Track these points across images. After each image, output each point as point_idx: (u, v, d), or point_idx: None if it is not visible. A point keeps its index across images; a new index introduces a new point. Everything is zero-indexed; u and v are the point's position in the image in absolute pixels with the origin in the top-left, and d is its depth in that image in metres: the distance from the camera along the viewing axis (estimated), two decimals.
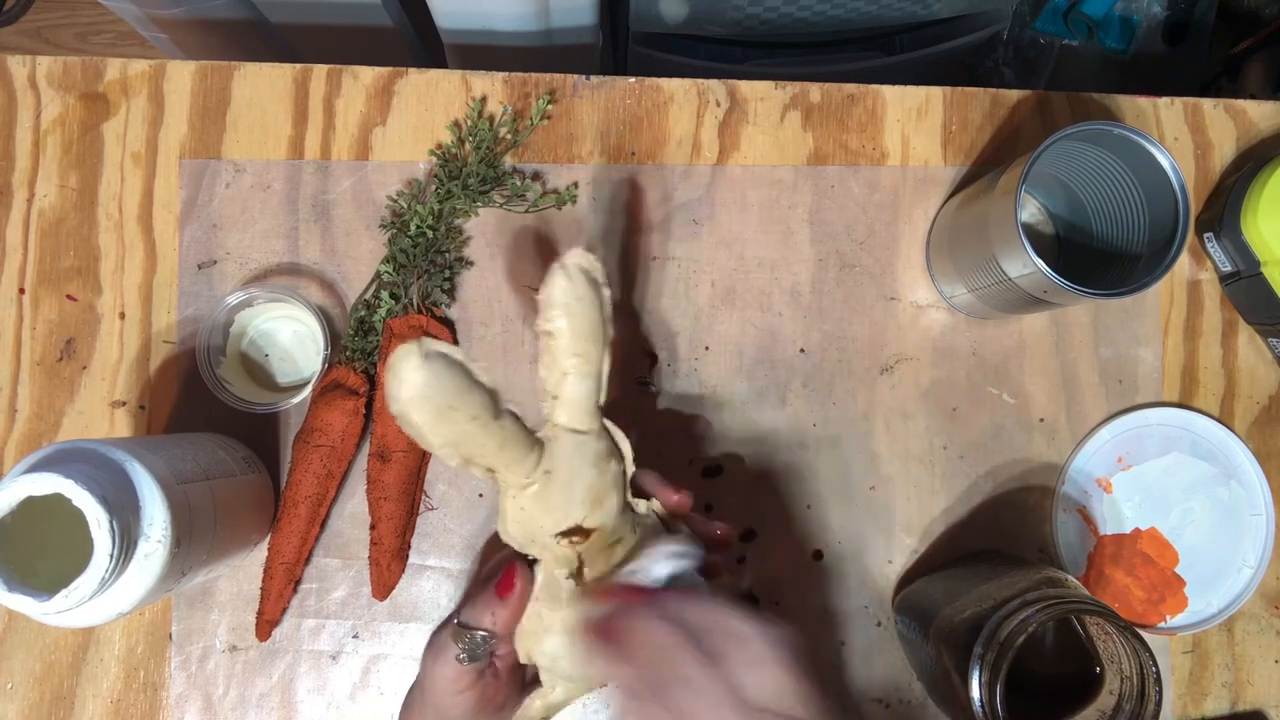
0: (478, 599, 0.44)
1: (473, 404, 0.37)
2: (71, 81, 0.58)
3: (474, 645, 0.43)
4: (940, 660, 0.49)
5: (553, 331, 0.40)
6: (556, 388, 0.41)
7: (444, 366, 0.36)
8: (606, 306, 0.42)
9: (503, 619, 0.43)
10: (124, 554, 0.40)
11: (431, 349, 0.36)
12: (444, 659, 0.43)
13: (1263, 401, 0.61)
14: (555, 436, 0.41)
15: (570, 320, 0.41)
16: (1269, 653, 0.59)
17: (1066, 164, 0.54)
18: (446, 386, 0.36)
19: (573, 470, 0.41)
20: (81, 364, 0.57)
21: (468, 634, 0.43)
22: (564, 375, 0.41)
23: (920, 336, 0.59)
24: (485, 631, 0.43)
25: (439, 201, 0.57)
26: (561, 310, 0.40)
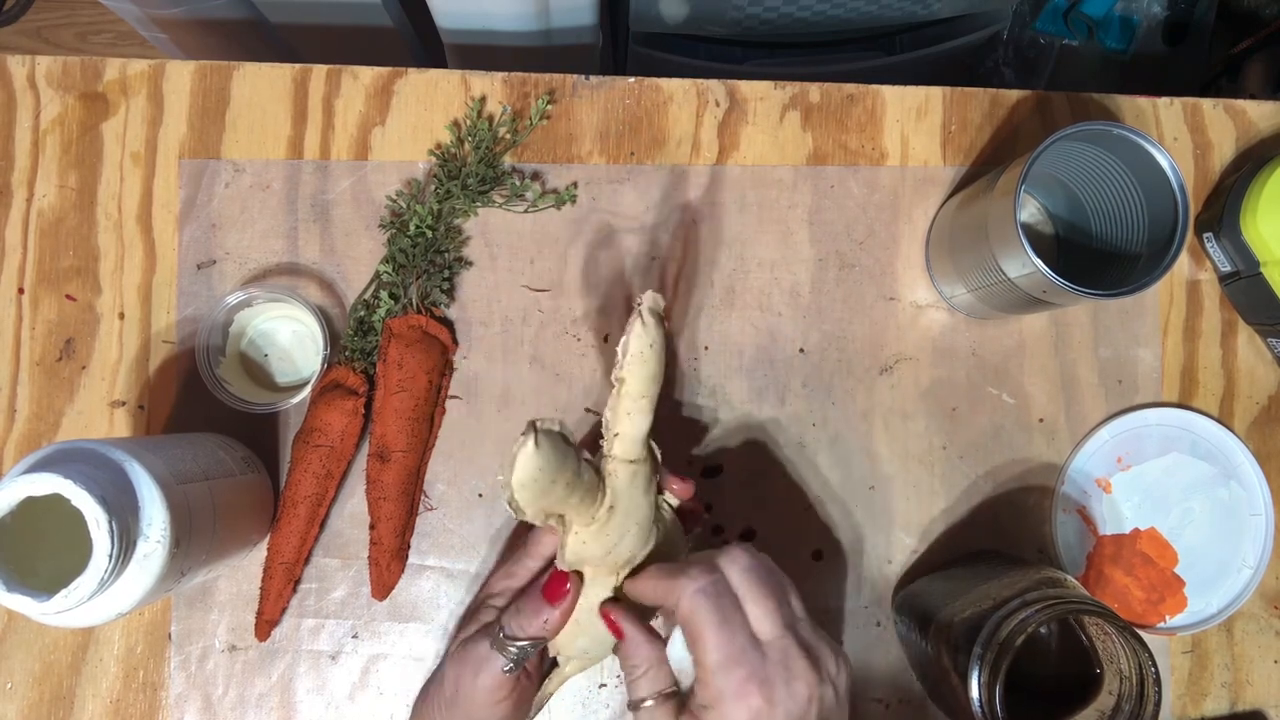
0: (524, 609, 0.45)
1: (568, 472, 0.40)
2: (71, 81, 0.58)
3: (522, 654, 0.44)
4: (940, 660, 0.49)
5: (626, 379, 0.43)
6: (618, 425, 0.43)
7: (552, 447, 0.39)
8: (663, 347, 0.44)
9: (554, 623, 0.45)
10: (123, 554, 0.40)
11: (546, 430, 0.39)
12: (486, 671, 0.44)
13: (1262, 402, 0.61)
14: (614, 471, 0.44)
15: (644, 367, 0.43)
16: (1268, 653, 0.59)
17: (1066, 164, 0.54)
18: (554, 465, 0.39)
19: (632, 502, 0.44)
20: (81, 364, 0.57)
21: (516, 644, 0.44)
22: (628, 415, 0.43)
23: (920, 336, 0.59)
24: (533, 640, 0.44)
25: (438, 201, 0.57)
26: (638, 358, 0.42)
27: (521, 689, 0.46)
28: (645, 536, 0.45)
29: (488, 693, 0.44)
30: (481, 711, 0.45)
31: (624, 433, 0.43)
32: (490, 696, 0.44)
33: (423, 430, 0.55)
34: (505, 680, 0.44)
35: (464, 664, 0.45)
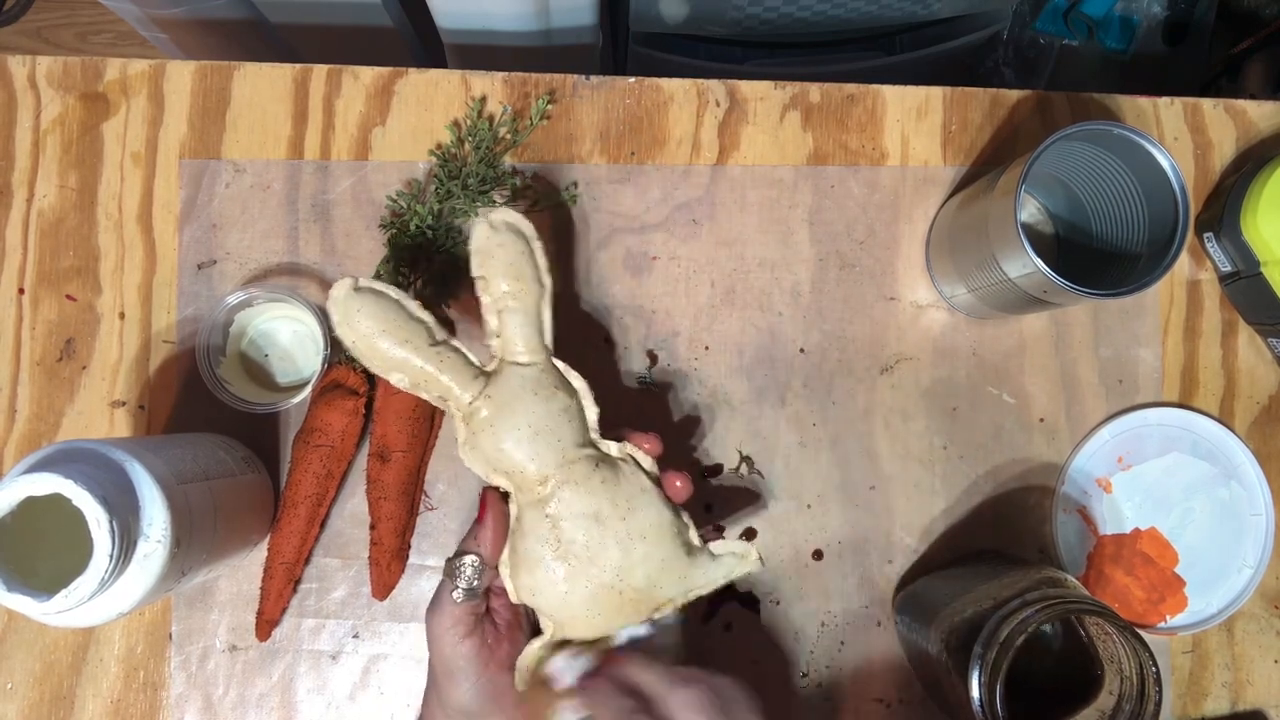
0: (466, 537, 0.46)
1: (405, 330, 0.43)
2: (71, 81, 0.58)
3: (466, 574, 0.44)
4: (940, 660, 0.49)
5: (483, 277, 0.45)
6: (497, 327, 0.45)
7: (373, 299, 0.43)
8: (539, 256, 0.46)
9: (487, 539, 0.45)
10: (124, 554, 0.40)
11: (364, 284, 0.43)
12: (441, 607, 0.44)
13: (1263, 401, 0.61)
14: (499, 370, 0.45)
15: (494, 262, 0.45)
16: (1269, 653, 0.59)
17: (1066, 164, 0.54)
18: (376, 314, 0.43)
19: (514, 396, 0.44)
20: (81, 364, 0.57)
21: (458, 563, 0.44)
22: (499, 313, 0.45)
23: (920, 336, 0.59)
24: (473, 555, 0.45)
25: (439, 201, 0.57)
26: (483, 256, 0.45)
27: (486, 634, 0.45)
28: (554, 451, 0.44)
29: (449, 631, 0.44)
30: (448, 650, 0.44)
31: (503, 333, 0.45)
32: (452, 635, 0.44)
33: (423, 430, 0.55)
34: (461, 613, 0.44)
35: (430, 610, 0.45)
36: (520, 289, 0.45)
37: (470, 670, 0.44)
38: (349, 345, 0.43)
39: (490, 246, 0.45)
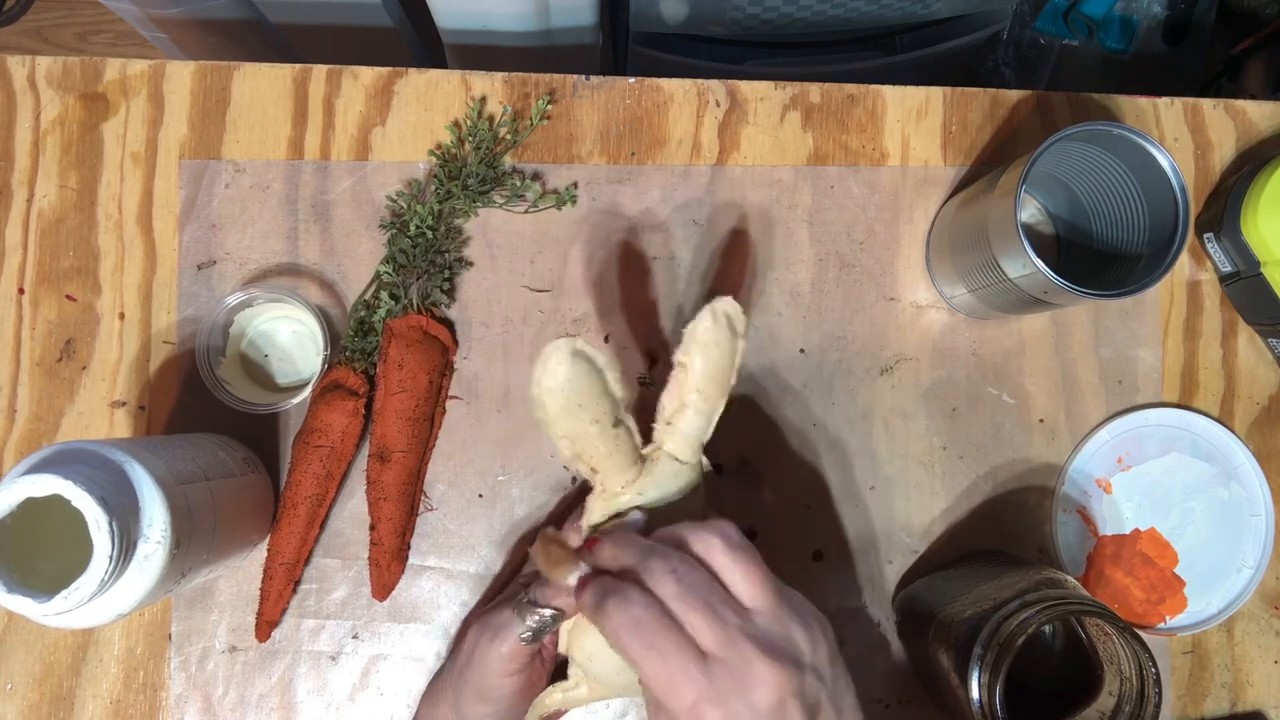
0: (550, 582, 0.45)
1: (599, 408, 0.41)
2: (71, 81, 0.58)
3: (541, 624, 0.44)
4: (940, 660, 0.49)
5: (686, 365, 0.44)
6: (673, 416, 0.44)
7: (586, 369, 0.41)
8: (739, 356, 0.45)
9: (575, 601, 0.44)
10: (123, 555, 0.40)
11: (580, 349, 0.41)
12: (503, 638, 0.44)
13: (1263, 402, 0.61)
14: (658, 459, 0.44)
15: (705, 359, 0.43)
16: (1268, 653, 0.59)
17: (1066, 164, 0.54)
18: (582, 387, 0.41)
19: (664, 493, 0.44)
20: (81, 364, 0.57)
21: (537, 612, 0.44)
22: (683, 406, 0.44)
23: (920, 337, 0.59)
24: (555, 610, 0.44)
25: (439, 202, 0.57)
26: (700, 348, 0.43)
27: (533, 671, 0.46)
28: None
29: (501, 661, 0.44)
30: (491, 678, 0.45)
31: (677, 425, 0.44)
32: (503, 665, 0.44)
33: (423, 431, 0.55)
34: (520, 651, 0.44)
35: (484, 629, 0.45)
36: (713, 393, 0.44)
37: (504, 700, 0.45)
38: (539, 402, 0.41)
39: (708, 341, 0.43)
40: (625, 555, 0.39)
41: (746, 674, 0.35)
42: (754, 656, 0.35)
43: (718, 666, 0.35)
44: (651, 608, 0.36)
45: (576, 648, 0.46)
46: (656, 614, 0.36)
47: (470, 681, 0.46)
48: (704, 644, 0.36)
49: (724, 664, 0.35)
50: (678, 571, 0.37)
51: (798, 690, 0.36)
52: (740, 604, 0.37)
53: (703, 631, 0.36)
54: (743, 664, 0.35)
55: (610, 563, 0.40)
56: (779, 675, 0.35)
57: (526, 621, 0.44)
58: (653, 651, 0.35)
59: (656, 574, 0.37)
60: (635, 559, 0.38)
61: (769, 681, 0.35)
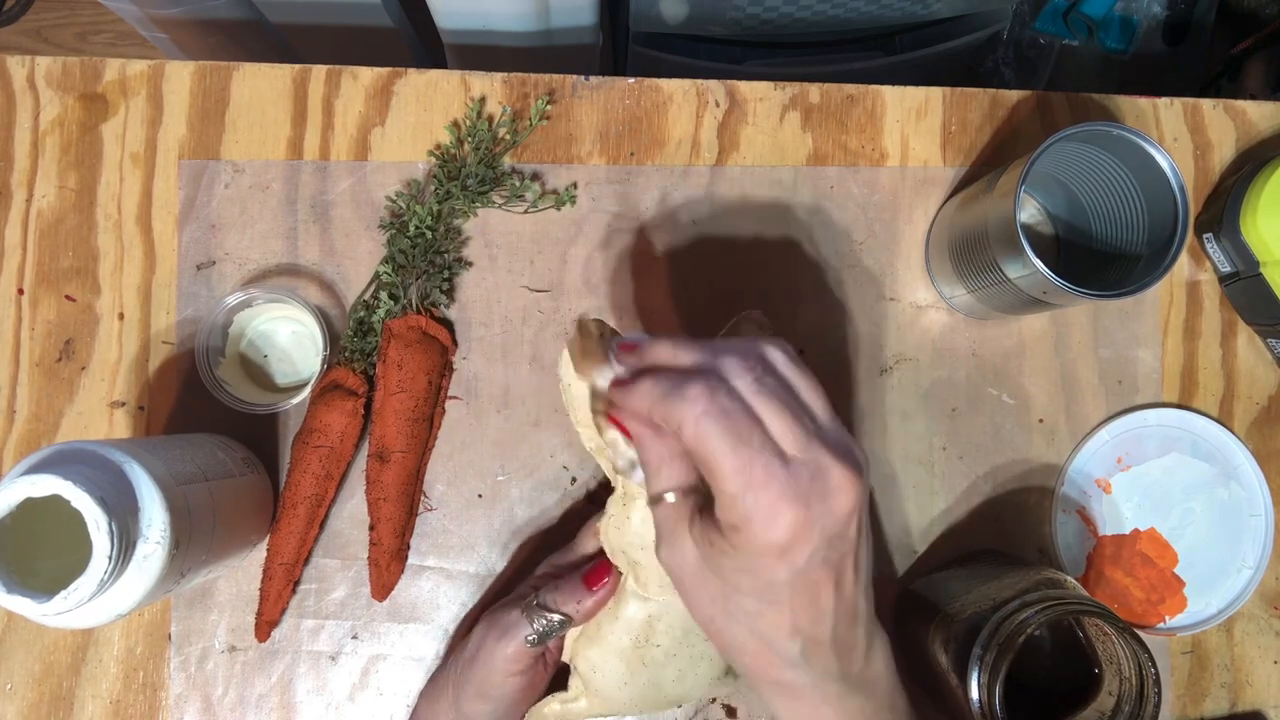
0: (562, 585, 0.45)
1: None
2: (70, 82, 0.58)
3: (548, 628, 0.44)
4: (940, 660, 0.49)
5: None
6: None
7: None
8: None
9: (585, 609, 0.45)
10: (123, 555, 0.40)
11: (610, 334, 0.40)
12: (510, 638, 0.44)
13: (1262, 402, 0.61)
14: None
15: None
16: (1268, 653, 0.59)
17: (1066, 165, 0.54)
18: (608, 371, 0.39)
19: None
20: (80, 364, 0.57)
21: (545, 615, 0.44)
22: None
23: (920, 337, 0.59)
24: (563, 616, 0.44)
25: (438, 202, 0.57)
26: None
27: (536, 674, 0.46)
28: None
29: (506, 660, 0.44)
30: (495, 678, 0.45)
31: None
32: (507, 665, 0.45)
33: (422, 431, 0.55)
34: (525, 652, 0.44)
35: (492, 627, 0.46)
36: None
37: (505, 699, 0.45)
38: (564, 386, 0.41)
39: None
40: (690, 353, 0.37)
41: (826, 478, 0.35)
42: (832, 463, 0.35)
43: (799, 467, 0.34)
44: (736, 399, 0.35)
45: (581, 658, 0.46)
46: (741, 406, 0.34)
47: (473, 679, 0.46)
48: (784, 444, 0.35)
49: (805, 465, 0.34)
50: (755, 370, 0.36)
51: (863, 504, 0.36)
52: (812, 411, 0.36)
53: (783, 431, 0.35)
54: (821, 468, 0.35)
55: (669, 359, 0.37)
56: (854, 484, 0.35)
57: (534, 624, 0.44)
58: (739, 443, 0.34)
59: (734, 371, 0.35)
60: (704, 357, 0.36)
61: (845, 488, 0.35)
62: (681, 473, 0.37)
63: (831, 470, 0.35)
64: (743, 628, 0.36)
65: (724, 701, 0.56)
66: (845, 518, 0.35)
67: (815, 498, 0.34)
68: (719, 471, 0.34)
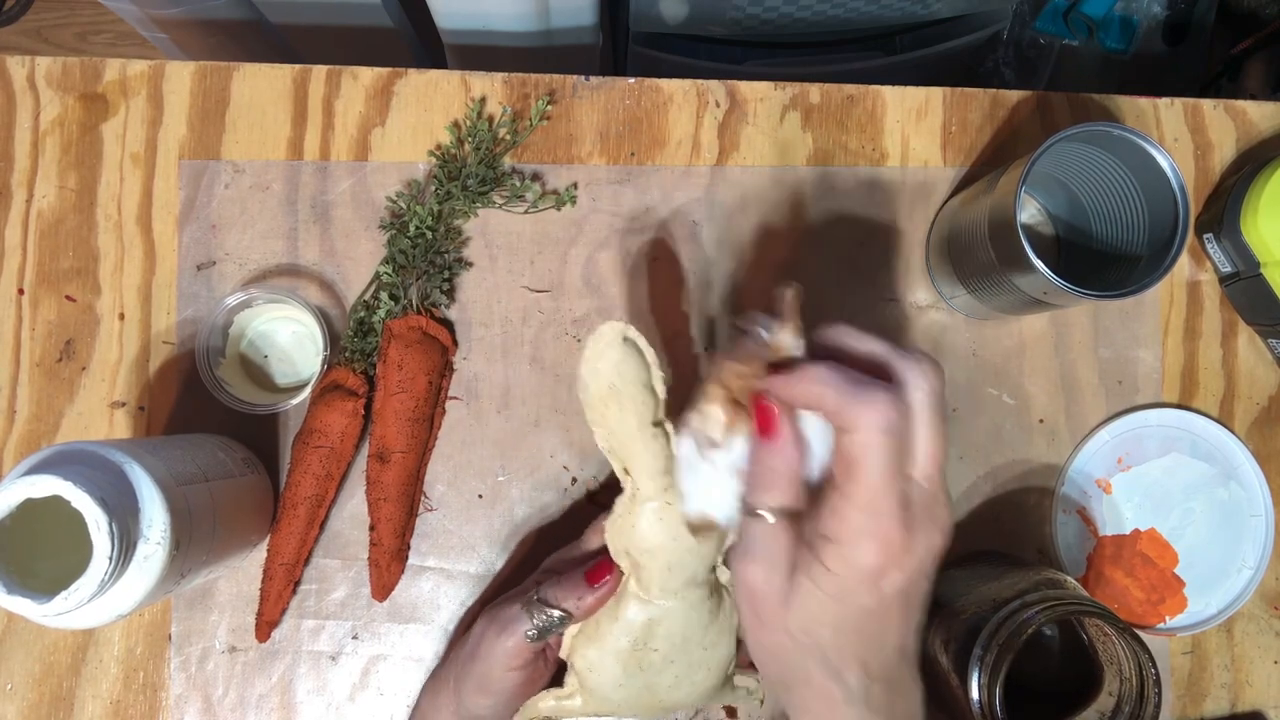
0: (564, 581, 0.45)
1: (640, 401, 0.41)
2: (70, 82, 0.58)
3: (548, 623, 0.44)
4: (940, 660, 0.49)
5: None
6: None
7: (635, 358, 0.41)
8: None
9: (585, 606, 0.45)
10: (123, 556, 0.40)
11: (632, 337, 0.41)
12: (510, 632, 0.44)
13: (1262, 402, 0.61)
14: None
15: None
16: (1268, 654, 0.59)
17: (1066, 165, 0.54)
18: (628, 374, 0.40)
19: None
20: (81, 365, 0.57)
21: (545, 611, 0.44)
22: None
23: (920, 337, 0.59)
24: (563, 612, 0.44)
25: (438, 202, 0.57)
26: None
27: (536, 669, 0.46)
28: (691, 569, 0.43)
29: (506, 654, 0.44)
30: (495, 672, 0.45)
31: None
32: (508, 659, 0.45)
33: (422, 431, 0.55)
34: (525, 647, 0.44)
35: (492, 621, 0.46)
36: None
37: (505, 693, 0.45)
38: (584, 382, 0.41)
39: None
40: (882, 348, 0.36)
41: (935, 511, 0.35)
42: (942, 498, 0.35)
43: (920, 495, 0.35)
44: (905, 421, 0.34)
45: (579, 656, 0.46)
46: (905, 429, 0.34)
47: (474, 673, 0.46)
48: (922, 468, 0.35)
49: (926, 494, 0.35)
50: (935, 385, 0.35)
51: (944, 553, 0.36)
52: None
53: (931, 455, 0.35)
54: (938, 501, 0.35)
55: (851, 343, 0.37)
56: (950, 526, 0.36)
57: (534, 619, 0.44)
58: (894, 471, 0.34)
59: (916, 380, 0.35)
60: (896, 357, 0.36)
61: (946, 529, 0.35)
62: (791, 495, 0.36)
63: (940, 506, 0.35)
64: (813, 660, 0.36)
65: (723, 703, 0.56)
66: (938, 556, 0.35)
67: (923, 530, 0.35)
68: (860, 481, 0.34)
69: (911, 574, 0.35)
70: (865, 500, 0.34)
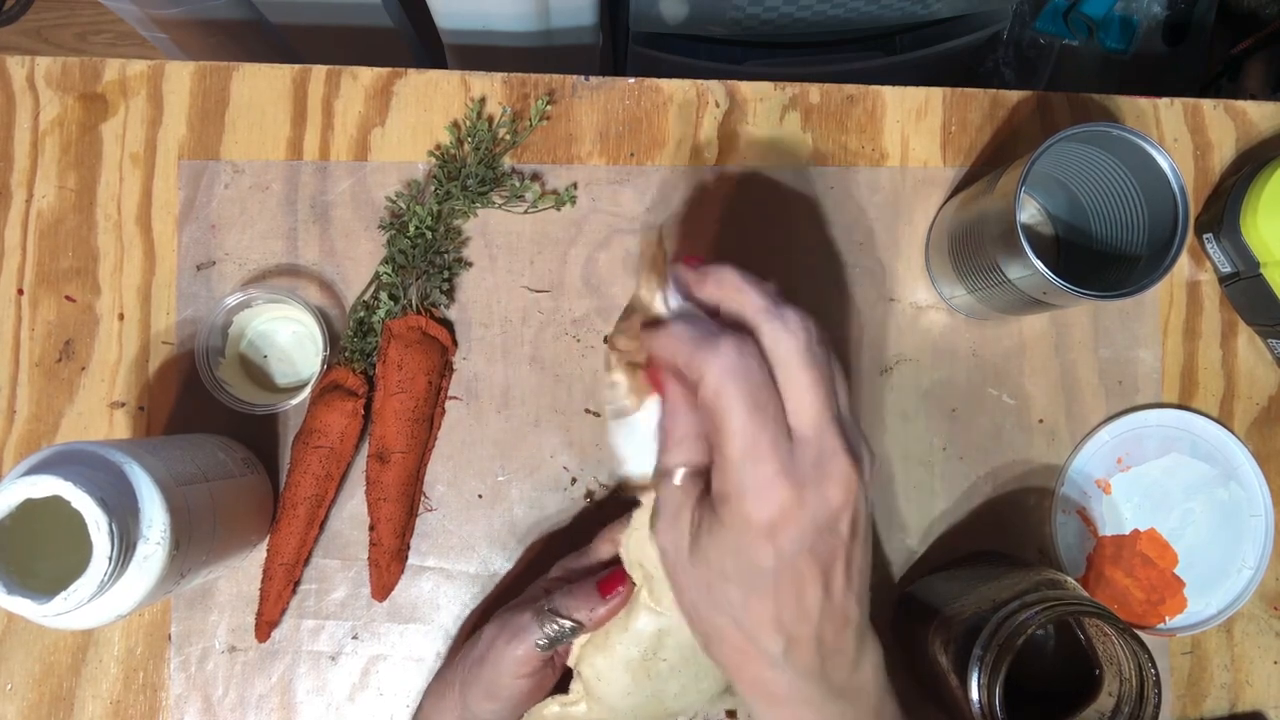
0: (576, 591, 0.45)
1: None
2: (70, 82, 0.58)
3: (559, 633, 0.44)
4: (940, 661, 0.49)
5: None
6: None
7: None
8: None
9: (597, 617, 0.44)
10: (123, 556, 0.40)
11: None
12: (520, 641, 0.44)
13: (1262, 402, 0.61)
14: None
15: None
16: (1268, 654, 0.59)
17: (1066, 165, 0.54)
18: None
19: None
20: (80, 365, 0.57)
21: (557, 621, 0.44)
22: None
23: (920, 337, 0.59)
24: (575, 623, 0.44)
25: (438, 202, 0.57)
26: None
27: (544, 677, 0.46)
28: None
29: (515, 662, 0.44)
30: (503, 679, 0.45)
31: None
32: (517, 667, 0.45)
33: (422, 431, 0.55)
34: (534, 656, 0.44)
35: (503, 628, 0.46)
36: None
37: (512, 700, 0.45)
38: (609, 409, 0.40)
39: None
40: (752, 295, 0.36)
41: (828, 464, 0.34)
42: (838, 451, 0.34)
43: (805, 447, 0.34)
44: (764, 366, 0.34)
45: (586, 664, 0.46)
46: (766, 375, 0.34)
47: (482, 678, 0.46)
48: (800, 419, 0.34)
49: (811, 446, 0.34)
50: (811, 333, 0.35)
51: (860, 503, 0.35)
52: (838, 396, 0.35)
53: (810, 404, 0.34)
54: (828, 454, 0.34)
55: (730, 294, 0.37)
56: (852, 477, 0.34)
57: (545, 629, 0.44)
58: (755, 408, 0.33)
59: (793, 325, 0.35)
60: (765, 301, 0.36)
61: (842, 480, 0.34)
62: (697, 452, 0.36)
63: (835, 459, 0.34)
64: (726, 618, 0.36)
65: (725, 706, 0.56)
66: (837, 509, 0.34)
67: (811, 482, 0.33)
68: (727, 431, 0.33)
69: (809, 530, 0.33)
70: (738, 451, 0.33)
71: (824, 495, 0.34)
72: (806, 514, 0.33)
